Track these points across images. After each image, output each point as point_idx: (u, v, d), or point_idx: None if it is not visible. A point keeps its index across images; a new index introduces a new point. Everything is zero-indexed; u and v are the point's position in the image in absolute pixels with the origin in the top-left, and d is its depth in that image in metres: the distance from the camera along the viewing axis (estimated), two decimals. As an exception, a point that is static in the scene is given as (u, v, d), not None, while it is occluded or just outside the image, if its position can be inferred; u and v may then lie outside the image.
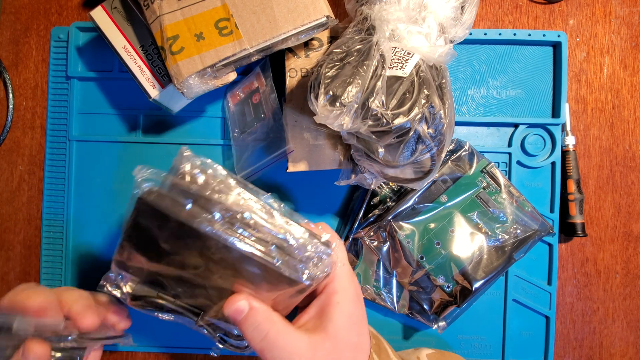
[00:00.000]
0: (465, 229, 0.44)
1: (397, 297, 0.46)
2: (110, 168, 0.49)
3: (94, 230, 0.49)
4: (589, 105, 0.49)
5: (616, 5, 0.49)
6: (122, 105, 0.49)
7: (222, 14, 0.39)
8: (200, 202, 0.31)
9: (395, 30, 0.37)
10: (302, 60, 0.43)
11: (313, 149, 0.42)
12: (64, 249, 0.49)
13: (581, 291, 0.49)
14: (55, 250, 0.49)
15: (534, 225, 0.44)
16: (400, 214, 0.44)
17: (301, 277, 0.32)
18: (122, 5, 0.43)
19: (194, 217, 0.30)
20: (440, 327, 0.45)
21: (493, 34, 0.47)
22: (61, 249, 0.49)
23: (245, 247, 0.31)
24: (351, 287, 0.35)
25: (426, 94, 0.34)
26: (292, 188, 0.48)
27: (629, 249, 0.49)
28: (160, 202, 0.30)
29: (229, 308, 0.32)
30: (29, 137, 0.50)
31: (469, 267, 0.43)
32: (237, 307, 0.32)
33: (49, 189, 0.49)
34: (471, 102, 0.48)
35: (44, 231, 0.49)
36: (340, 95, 0.33)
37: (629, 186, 0.49)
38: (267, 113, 0.44)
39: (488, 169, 0.45)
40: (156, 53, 0.42)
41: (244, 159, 0.45)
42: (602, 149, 0.49)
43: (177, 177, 0.32)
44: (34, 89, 0.50)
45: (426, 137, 0.35)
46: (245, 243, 0.31)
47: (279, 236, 0.32)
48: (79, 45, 0.49)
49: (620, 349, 0.49)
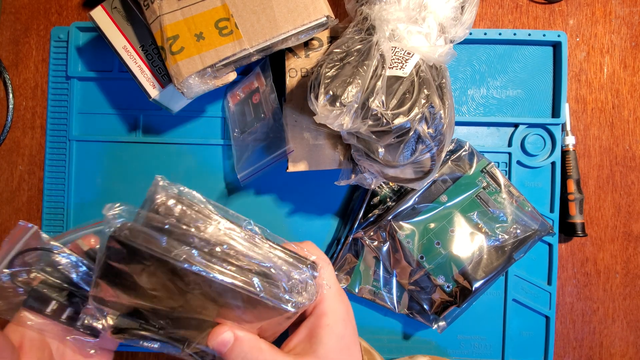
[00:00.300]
0: (465, 229, 0.44)
1: (397, 297, 0.46)
2: (110, 168, 0.49)
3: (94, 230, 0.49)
4: (589, 105, 0.49)
5: (616, 5, 0.49)
6: (122, 105, 0.49)
7: (222, 14, 0.39)
8: (177, 235, 0.29)
9: (395, 30, 0.37)
10: (302, 60, 0.43)
11: (313, 149, 0.42)
12: (64, 249, 0.49)
13: (581, 291, 0.49)
14: (55, 250, 0.49)
15: (533, 225, 0.44)
16: (400, 214, 0.44)
17: (286, 305, 0.31)
18: (122, 5, 0.43)
19: (170, 252, 0.28)
20: (440, 327, 0.45)
21: (493, 33, 0.47)
22: (61, 249, 0.49)
23: (227, 279, 0.29)
24: (341, 307, 0.34)
25: (426, 94, 0.34)
26: (292, 188, 0.48)
27: (628, 249, 0.49)
28: (134, 239, 0.28)
29: (213, 341, 0.31)
30: (29, 137, 0.50)
31: (469, 267, 0.43)
32: (221, 340, 0.31)
33: (49, 189, 0.49)
34: (471, 102, 0.48)
35: (44, 231, 0.49)
36: (340, 95, 0.33)
37: (628, 186, 0.49)
38: (267, 113, 0.44)
39: (488, 169, 0.45)
40: (156, 53, 0.42)
41: (244, 159, 0.45)
42: (602, 148, 0.49)
43: (152, 210, 0.30)
44: (34, 89, 0.50)
45: (426, 137, 0.35)
46: (226, 275, 0.29)
47: (262, 264, 0.31)
48: (79, 45, 0.49)
49: (620, 348, 0.49)
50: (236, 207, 0.48)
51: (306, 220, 0.48)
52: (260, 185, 0.48)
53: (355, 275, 0.46)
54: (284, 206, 0.49)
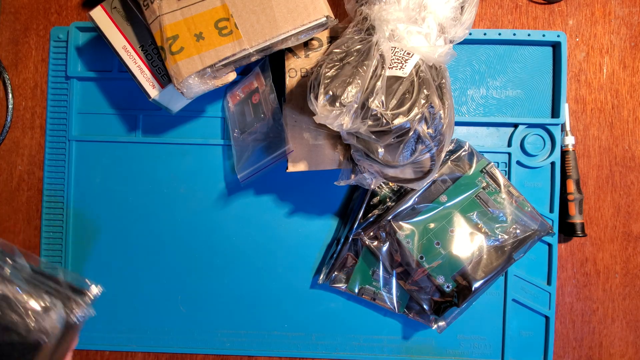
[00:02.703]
0: (465, 229, 0.44)
1: (397, 297, 0.46)
2: (110, 168, 0.49)
3: (93, 230, 0.49)
4: (589, 105, 0.49)
5: (616, 5, 0.49)
6: (122, 105, 0.49)
7: (221, 14, 0.39)
8: None
9: (395, 30, 0.37)
10: (302, 60, 0.43)
11: (313, 149, 0.42)
12: (63, 249, 0.49)
13: (581, 291, 0.49)
14: (55, 251, 0.49)
15: (533, 225, 0.44)
16: (400, 214, 0.44)
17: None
18: (121, 5, 0.43)
19: None
20: (440, 327, 0.45)
21: (493, 34, 0.47)
22: (61, 249, 0.49)
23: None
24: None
25: (426, 94, 0.34)
26: (292, 188, 0.48)
27: (628, 249, 0.49)
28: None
29: None
30: (28, 137, 0.50)
31: (469, 267, 0.43)
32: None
33: (49, 189, 0.49)
34: (471, 102, 0.49)
35: (43, 231, 0.49)
36: (340, 95, 0.33)
37: (628, 186, 0.49)
38: (267, 113, 0.44)
39: (488, 169, 0.45)
40: (156, 53, 0.42)
41: (244, 159, 0.45)
42: (601, 149, 0.49)
43: None
44: (34, 88, 0.50)
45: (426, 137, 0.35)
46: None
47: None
48: (78, 45, 0.49)
49: (620, 348, 0.49)
50: (236, 207, 0.49)
51: (306, 220, 0.48)
52: (260, 185, 0.48)
53: (355, 275, 0.46)
54: (284, 206, 0.49)
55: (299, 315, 0.49)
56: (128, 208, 0.49)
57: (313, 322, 0.49)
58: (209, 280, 0.49)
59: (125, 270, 0.49)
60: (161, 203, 0.49)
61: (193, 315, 0.49)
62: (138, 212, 0.49)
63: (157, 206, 0.49)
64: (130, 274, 0.49)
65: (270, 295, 0.49)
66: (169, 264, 0.49)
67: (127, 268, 0.49)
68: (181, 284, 0.49)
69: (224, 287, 0.49)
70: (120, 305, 0.49)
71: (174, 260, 0.49)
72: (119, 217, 0.49)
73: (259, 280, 0.49)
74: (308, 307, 0.49)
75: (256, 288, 0.49)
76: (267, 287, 0.49)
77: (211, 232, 0.49)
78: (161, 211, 0.49)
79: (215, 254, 0.49)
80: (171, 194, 0.49)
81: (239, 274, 0.49)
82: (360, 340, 0.48)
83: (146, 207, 0.49)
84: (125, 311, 0.49)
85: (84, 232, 0.49)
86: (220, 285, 0.49)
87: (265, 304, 0.49)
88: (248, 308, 0.49)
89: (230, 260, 0.49)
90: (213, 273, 0.49)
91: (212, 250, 0.49)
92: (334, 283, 0.46)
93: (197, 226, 0.49)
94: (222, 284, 0.49)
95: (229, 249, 0.49)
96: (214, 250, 0.49)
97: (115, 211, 0.49)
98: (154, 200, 0.49)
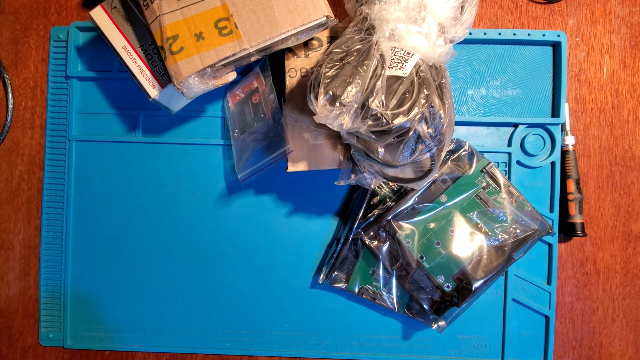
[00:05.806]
0: (465, 229, 0.44)
1: (397, 297, 0.46)
2: (110, 168, 0.49)
3: (93, 230, 0.49)
4: (589, 105, 0.49)
5: (616, 5, 0.49)
6: (122, 105, 0.49)
7: (221, 13, 0.39)
8: None
9: (395, 30, 0.37)
10: (302, 60, 0.43)
11: (313, 149, 0.42)
12: (63, 249, 0.49)
13: (581, 291, 0.49)
14: (55, 250, 0.49)
15: (533, 225, 0.44)
16: (400, 213, 0.44)
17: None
18: (121, 5, 0.43)
19: None
20: (440, 327, 0.45)
21: (493, 33, 0.47)
22: (61, 249, 0.49)
23: None
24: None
25: (426, 93, 0.34)
26: (292, 188, 0.48)
27: (628, 249, 0.49)
28: None
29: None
30: (28, 137, 0.50)
31: (469, 267, 0.43)
32: None
33: (49, 189, 0.49)
34: (471, 102, 0.49)
35: (43, 231, 0.49)
36: (340, 95, 0.33)
37: (628, 186, 0.49)
38: (267, 113, 0.44)
39: (488, 169, 0.45)
40: (156, 53, 0.42)
41: (244, 159, 0.45)
42: (601, 148, 0.49)
43: None
44: (34, 88, 0.50)
45: (426, 137, 0.35)
46: None
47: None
48: (78, 45, 0.49)
49: (620, 348, 0.49)
50: (236, 207, 0.49)
51: (306, 220, 0.48)
52: (260, 185, 0.48)
53: (355, 275, 0.46)
54: (284, 206, 0.49)
55: (299, 315, 0.49)
56: (128, 208, 0.49)
57: (313, 322, 0.49)
58: (209, 280, 0.49)
59: (125, 270, 0.49)
60: (161, 203, 0.49)
61: (193, 315, 0.49)
62: (138, 212, 0.49)
63: (157, 206, 0.49)
64: (130, 273, 0.49)
65: (270, 295, 0.49)
66: (169, 264, 0.49)
67: (127, 268, 0.49)
68: (181, 284, 0.49)
69: (224, 286, 0.49)
70: (121, 305, 0.49)
71: (174, 260, 0.49)
72: (119, 217, 0.49)
73: (259, 280, 0.49)
74: (308, 307, 0.49)
75: (256, 288, 0.49)
76: (267, 287, 0.49)
77: (211, 232, 0.49)
78: (161, 211, 0.49)
79: (215, 253, 0.49)
80: (171, 194, 0.49)
81: (239, 274, 0.49)
82: (360, 340, 0.49)
83: (146, 207, 0.49)
84: (125, 311, 0.49)
85: (84, 232, 0.49)
86: (220, 285, 0.49)
87: (265, 303, 0.49)
88: (248, 308, 0.49)
89: (230, 260, 0.49)
90: (213, 273, 0.49)
91: (212, 250, 0.49)
92: (334, 283, 0.46)
93: (197, 226, 0.49)
94: (222, 284, 0.49)
95: (229, 248, 0.49)
96: (214, 250, 0.49)
97: (115, 211, 0.49)
98: (154, 200, 0.49)
